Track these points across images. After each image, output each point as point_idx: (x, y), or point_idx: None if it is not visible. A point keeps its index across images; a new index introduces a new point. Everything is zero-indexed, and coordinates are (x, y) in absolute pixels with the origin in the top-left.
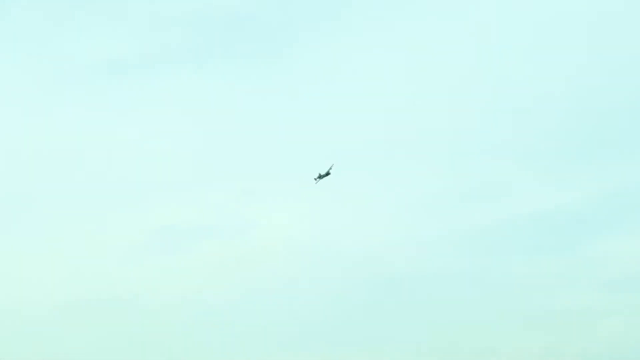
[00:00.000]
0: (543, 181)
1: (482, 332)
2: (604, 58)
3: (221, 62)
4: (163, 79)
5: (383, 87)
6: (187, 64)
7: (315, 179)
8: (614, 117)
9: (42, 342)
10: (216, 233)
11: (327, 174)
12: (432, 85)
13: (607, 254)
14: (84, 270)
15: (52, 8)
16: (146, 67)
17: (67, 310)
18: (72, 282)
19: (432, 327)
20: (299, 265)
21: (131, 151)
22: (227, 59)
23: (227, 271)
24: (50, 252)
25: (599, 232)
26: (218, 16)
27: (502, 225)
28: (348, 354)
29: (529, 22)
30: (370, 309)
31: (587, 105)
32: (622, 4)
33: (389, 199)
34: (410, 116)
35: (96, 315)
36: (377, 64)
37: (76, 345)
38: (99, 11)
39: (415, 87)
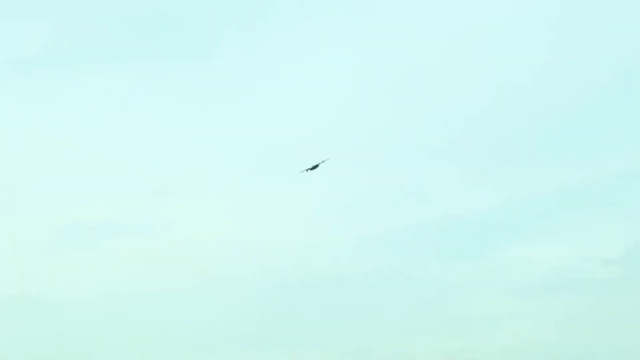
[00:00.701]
0: (458, 185)
1: (395, 335)
2: (525, 62)
3: (142, 60)
4: (81, 77)
5: (306, 88)
6: (106, 62)
7: (307, 170)
8: (529, 124)
9: None
10: (130, 231)
11: (316, 166)
12: (355, 87)
13: (517, 259)
14: None
15: None
16: (63, 65)
17: None
18: None
19: (346, 330)
20: (215, 265)
21: (48, 147)
22: (149, 57)
23: (139, 269)
24: None
25: (511, 238)
26: (140, 14)
27: (417, 228)
28: (263, 355)
29: (452, 23)
30: (286, 310)
31: (503, 111)
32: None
33: (308, 201)
34: (331, 118)
35: (4, 311)
36: (301, 65)
37: None
38: (17, 6)
39: (338, 88)
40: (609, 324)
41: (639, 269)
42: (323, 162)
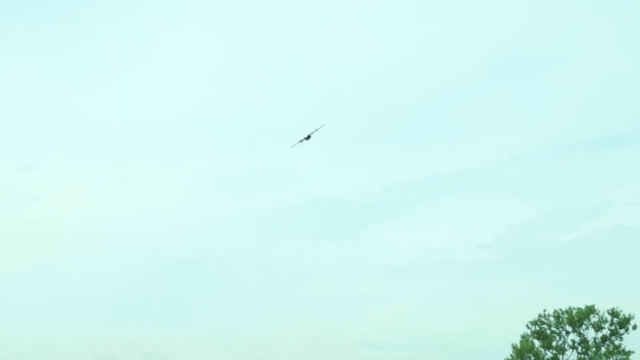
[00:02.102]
0: (333, 167)
1: (265, 316)
2: (404, 46)
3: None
4: None
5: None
6: None
7: (302, 140)
8: (404, 109)
9: None
10: None
11: (309, 136)
12: (235, 69)
13: (389, 241)
14: None
15: None
16: None
17: None
18: None
19: (214, 312)
20: (82, 243)
21: None
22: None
23: (4, 243)
24: None
25: (383, 220)
26: None
27: (289, 209)
28: (128, 331)
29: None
30: (154, 288)
31: (380, 94)
32: None
33: (179, 179)
34: (207, 96)
35: None
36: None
37: None
38: None
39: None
40: (481, 306)
41: (510, 253)
42: (317, 130)
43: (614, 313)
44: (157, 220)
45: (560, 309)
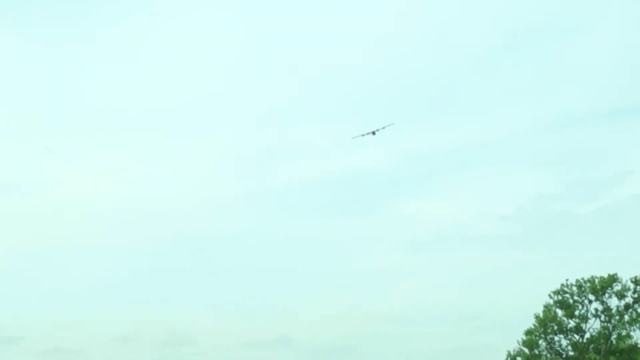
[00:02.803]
0: (350, 142)
1: (288, 293)
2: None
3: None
4: None
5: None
6: None
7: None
8: (421, 83)
9: None
10: (14, 189)
11: (374, 132)
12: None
13: (412, 215)
14: None
15: None
16: None
17: None
18: None
19: (237, 287)
20: (100, 224)
21: None
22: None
23: (26, 227)
24: None
25: (406, 194)
26: None
27: (310, 185)
28: (152, 310)
29: None
30: (174, 272)
31: (394, 69)
32: None
33: (193, 160)
34: (217, 76)
35: None
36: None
37: None
38: None
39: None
40: (503, 277)
41: (532, 225)
42: (384, 127)
43: (636, 281)
44: (178, 201)
45: (583, 278)
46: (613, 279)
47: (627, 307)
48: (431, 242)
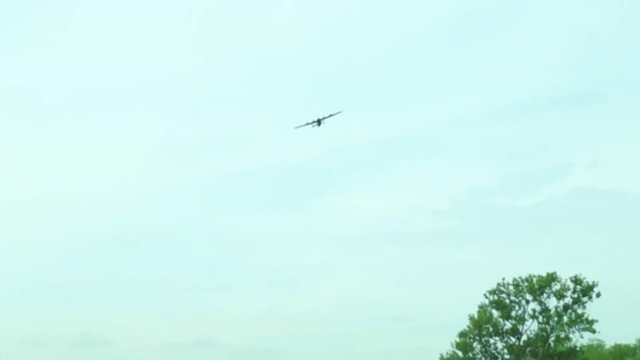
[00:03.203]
0: (282, 134)
1: (211, 292)
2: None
3: None
4: None
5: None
6: None
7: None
8: (353, 73)
9: None
10: None
11: (319, 121)
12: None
13: (343, 210)
14: None
15: None
16: None
17: None
18: None
19: (155, 286)
20: (13, 216)
21: None
22: None
23: None
24: None
25: (337, 188)
26: None
27: (237, 178)
28: (62, 314)
29: None
30: (93, 268)
31: (326, 60)
32: None
33: (111, 149)
34: (152, 62)
35: None
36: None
37: None
38: None
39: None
40: (437, 276)
41: (467, 220)
42: (331, 115)
43: (576, 280)
44: (104, 194)
45: (520, 277)
46: (552, 278)
47: (566, 307)
48: (361, 239)
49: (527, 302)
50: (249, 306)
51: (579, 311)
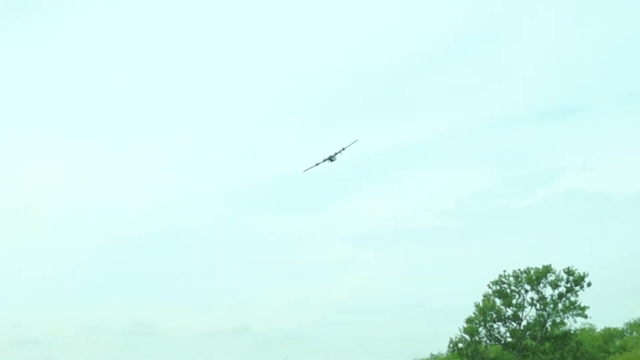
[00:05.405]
0: (301, 142)
1: (243, 285)
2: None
3: None
4: None
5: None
6: None
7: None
8: (361, 82)
9: None
10: None
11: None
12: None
13: (356, 211)
14: None
15: None
16: None
17: None
18: None
19: (198, 280)
20: (70, 219)
21: None
22: None
23: None
24: None
25: (349, 191)
26: None
27: (262, 184)
28: (113, 305)
29: None
30: (137, 265)
31: (333, 70)
32: None
33: (159, 156)
34: (182, 81)
35: None
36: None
37: None
38: None
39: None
40: (445, 269)
41: (471, 219)
42: (344, 149)
43: (569, 272)
44: (140, 197)
45: (519, 269)
46: (547, 269)
47: (560, 296)
48: (375, 236)
49: (526, 291)
50: (278, 297)
51: (572, 299)
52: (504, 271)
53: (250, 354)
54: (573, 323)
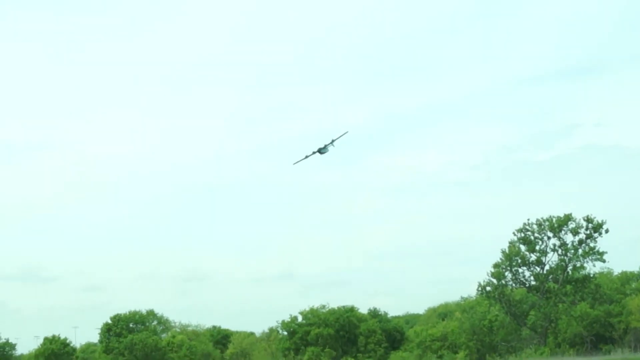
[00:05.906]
0: (336, 102)
1: (287, 233)
2: None
3: None
4: None
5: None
6: None
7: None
8: (393, 44)
9: None
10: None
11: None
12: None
13: (390, 165)
14: None
15: None
16: None
17: None
18: None
19: (245, 230)
20: (128, 175)
21: None
22: None
23: (60, 179)
24: None
25: (383, 146)
26: None
27: (301, 139)
28: (171, 251)
29: None
30: (191, 213)
31: (369, 31)
32: None
33: (215, 113)
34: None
35: None
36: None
37: None
38: None
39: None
40: (473, 218)
41: (497, 172)
42: (335, 139)
43: (588, 219)
44: (193, 154)
45: (542, 218)
46: (568, 218)
47: (580, 242)
48: (409, 189)
49: (549, 238)
50: (320, 245)
51: (591, 245)
52: (528, 219)
53: (294, 298)
54: (592, 267)
